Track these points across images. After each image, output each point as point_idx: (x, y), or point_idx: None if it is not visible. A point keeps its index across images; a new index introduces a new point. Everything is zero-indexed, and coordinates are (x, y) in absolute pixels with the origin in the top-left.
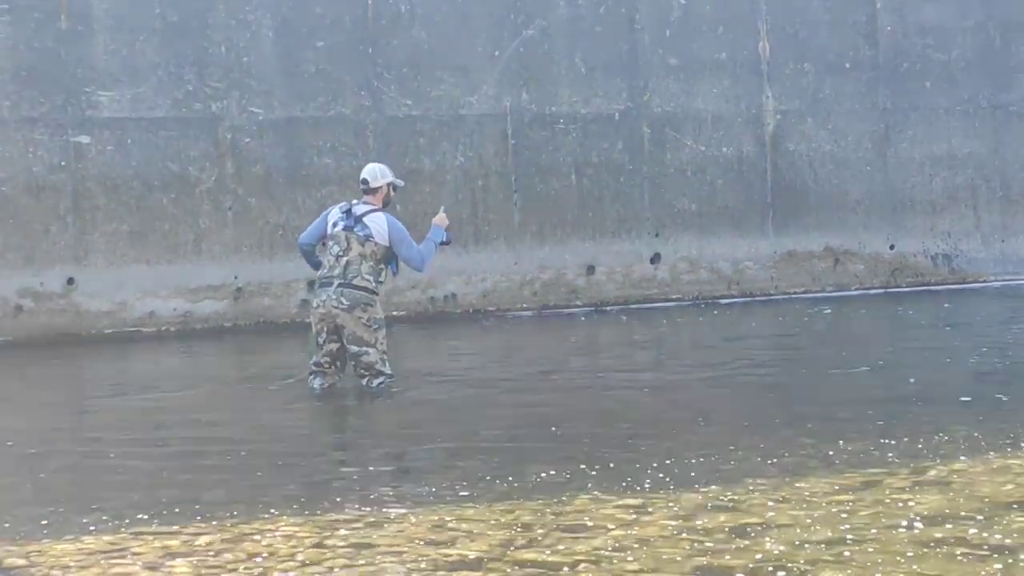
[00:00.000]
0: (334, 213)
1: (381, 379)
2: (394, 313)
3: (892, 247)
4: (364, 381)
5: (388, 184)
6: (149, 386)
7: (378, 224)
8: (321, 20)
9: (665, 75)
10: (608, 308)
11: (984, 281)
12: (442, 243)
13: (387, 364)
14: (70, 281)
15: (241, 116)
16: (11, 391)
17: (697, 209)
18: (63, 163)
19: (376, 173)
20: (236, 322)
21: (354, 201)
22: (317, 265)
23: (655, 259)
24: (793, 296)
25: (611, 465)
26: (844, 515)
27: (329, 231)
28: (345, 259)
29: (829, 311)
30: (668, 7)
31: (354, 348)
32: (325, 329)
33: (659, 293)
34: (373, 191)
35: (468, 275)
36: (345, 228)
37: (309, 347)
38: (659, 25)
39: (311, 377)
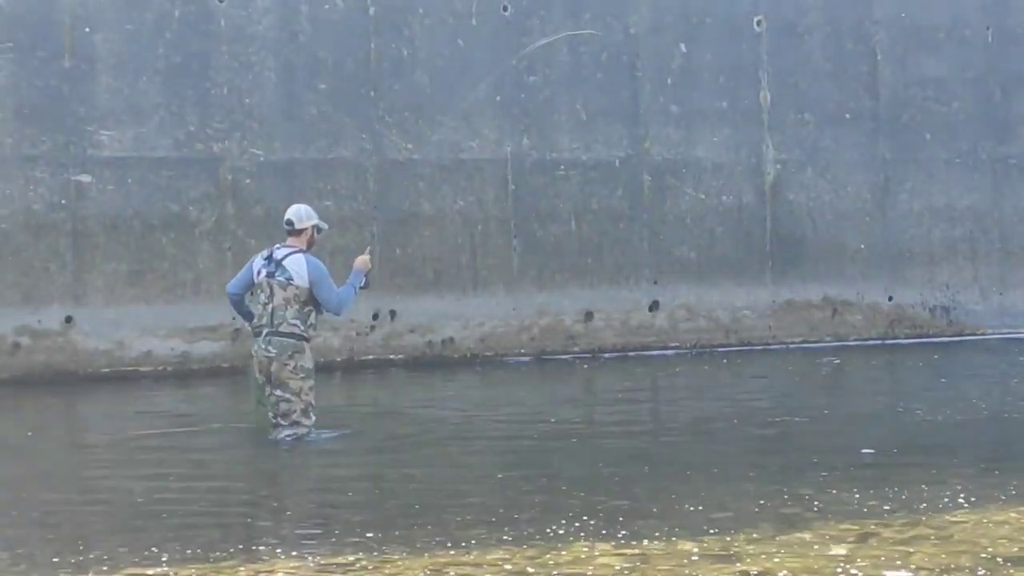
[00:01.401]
0: (258, 261)
1: (293, 431)
2: (391, 357)
3: (890, 298)
4: (278, 432)
5: (313, 226)
6: (145, 427)
7: (297, 266)
8: (323, 63)
9: (666, 123)
10: (606, 355)
11: (982, 334)
12: (360, 287)
13: (309, 415)
14: (68, 319)
15: (242, 157)
16: (5, 430)
17: (696, 257)
18: (63, 201)
19: (302, 215)
20: (233, 363)
21: (276, 245)
22: (247, 315)
23: (653, 306)
24: (791, 346)
25: (608, 513)
26: (840, 567)
27: (255, 279)
28: (271, 306)
29: (838, 361)
30: (669, 55)
31: (277, 392)
32: (266, 380)
33: (657, 341)
34: (298, 233)
35: (466, 320)
36: (267, 275)
37: (253, 395)
38: (660, 73)
39: (272, 430)
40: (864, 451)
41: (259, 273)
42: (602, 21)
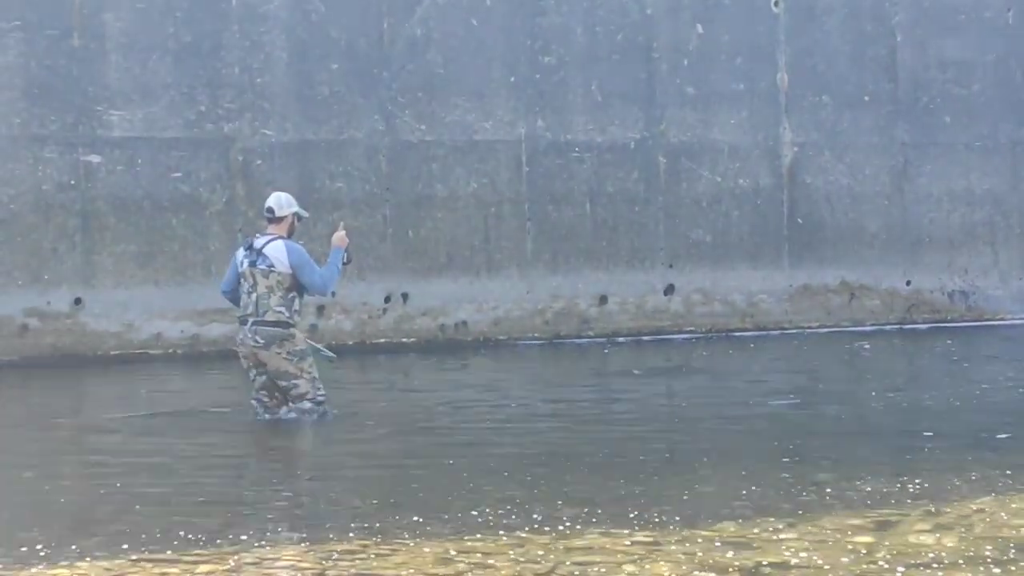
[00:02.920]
0: (240, 252)
1: (311, 407)
2: (404, 340)
3: (909, 283)
4: (296, 414)
5: (293, 214)
6: (154, 409)
7: (277, 252)
8: (336, 43)
9: (682, 105)
10: (620, 339)
11: (1002, 319)
12: (344, 263)
13: (320, 388)
14: (77, 301)
15: (253, 138)
16: (14, 412)
17: (712, 241)
18: (72, 182)
19: (282, 202)
20: None
21: (256, 235)
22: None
23: (669, 290)
24: (808, 331)
25: (621, 499)
26: (861, 556)
27: (240, 270)
28: (255, 295)
29: (868, 346)
30: (686, 36)
31: (283, 383)
32: (252, 365)
33: (672, 325)
34: (278, 220)
35: (479, 303)
36: (250, 264)
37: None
38: (677, 54)
39: (257, 413)
40: (886, 437)
41: (242, 264)
42: (618, 1)
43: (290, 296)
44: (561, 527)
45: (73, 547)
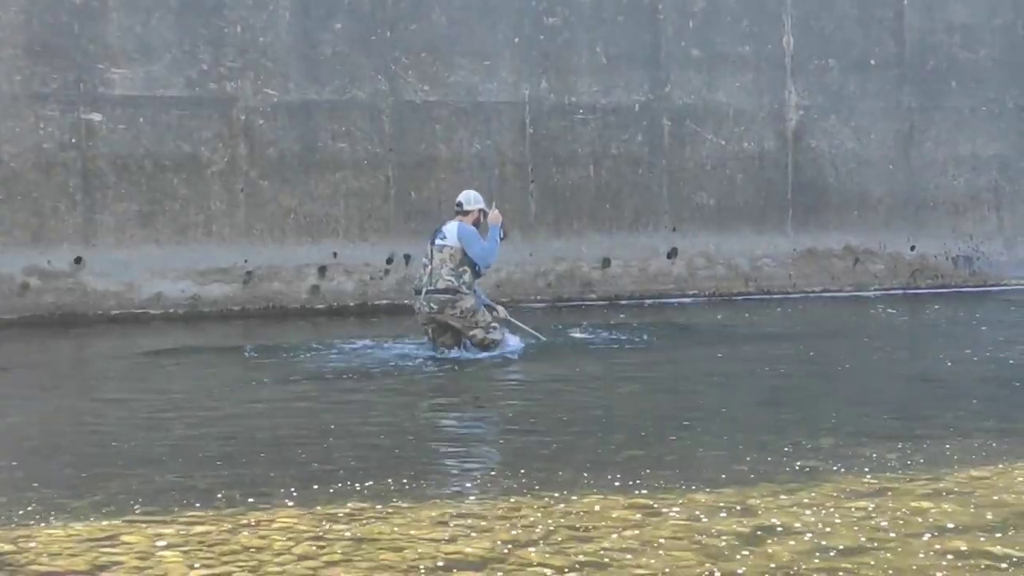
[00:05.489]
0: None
1: (498, 351)
2: (405, 301)
3: (913, 248)
4: (483, 354)
5: (479, 210)
6: (153, 370)
7: (450, 230)
8: (339, 2)
9: (687, 67)
10: (623, 302)
11: (1006, 284)
12: (501, 239)
13: (494, 331)
14: (78, 260)
15: (256, 97)
16: (12, 372)
17: (716, 204)
18: (73, 140)
19: (471, 198)
20: (245, 306)
21: (445, 220)
22: None
23: (672, 254)
24: (811, 295)
25: (621, 463)
26: (861, 522)
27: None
28: (430, 267)
29: (893, 311)
30: None
31: (463, 335)
32: (431, 329)
33: (675, 288)
34: (465, 213)
35: None
36: (431, 243)
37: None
38: (682, 16)
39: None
40: (887, 403)
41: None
42: None
43: (460, 269)
44: (558, 491)
45: (68, 507)
